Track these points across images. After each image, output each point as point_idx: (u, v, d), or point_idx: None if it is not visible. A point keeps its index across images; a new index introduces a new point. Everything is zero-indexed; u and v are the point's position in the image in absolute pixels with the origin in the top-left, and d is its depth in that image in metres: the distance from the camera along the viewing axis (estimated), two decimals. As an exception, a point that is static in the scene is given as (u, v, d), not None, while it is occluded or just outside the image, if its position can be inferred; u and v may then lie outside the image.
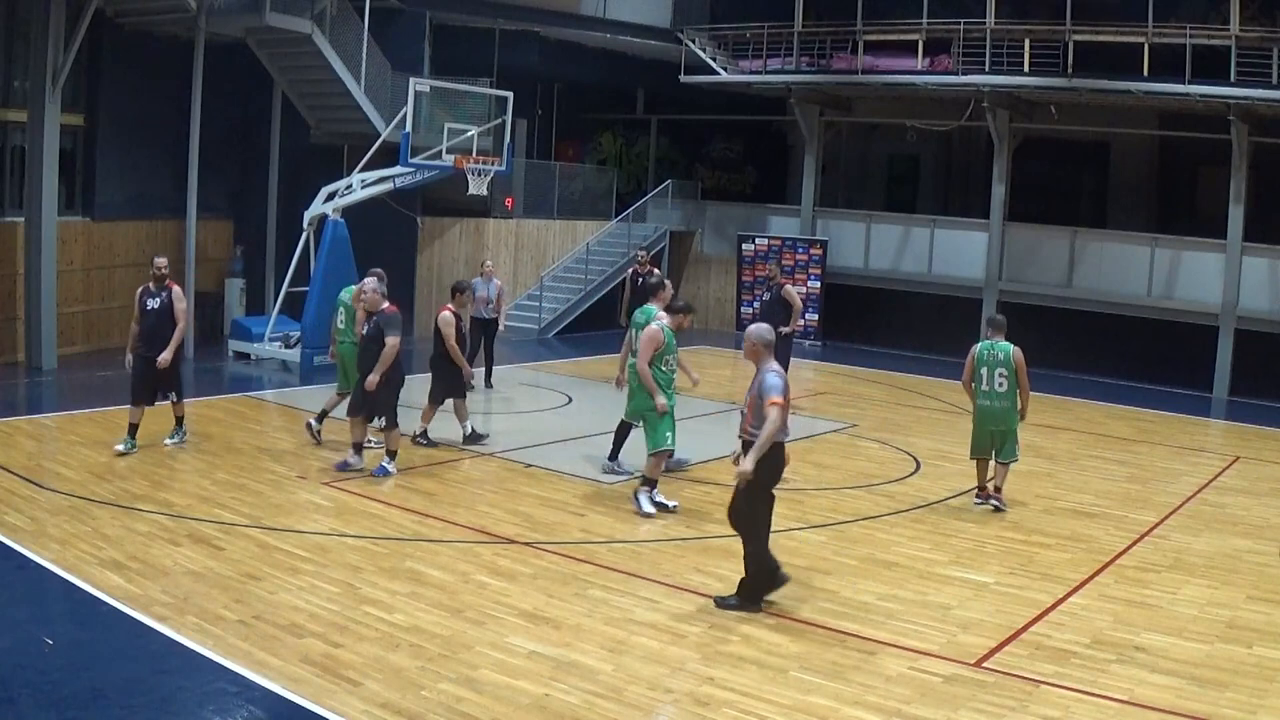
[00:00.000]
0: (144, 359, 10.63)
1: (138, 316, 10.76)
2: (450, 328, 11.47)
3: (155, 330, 10.66)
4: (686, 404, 12.16)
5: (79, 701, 5.74)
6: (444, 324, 11.50)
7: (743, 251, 23.14)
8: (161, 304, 10.66)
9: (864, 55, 20.96)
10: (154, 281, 10.79)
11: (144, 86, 17.74)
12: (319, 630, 6.79)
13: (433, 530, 8.94)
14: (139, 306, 10.75)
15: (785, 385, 7.30)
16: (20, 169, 15.87)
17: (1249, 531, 10.00)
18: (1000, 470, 10.23)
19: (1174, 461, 13.16)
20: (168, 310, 10.66)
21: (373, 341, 10.28)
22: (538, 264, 22.45)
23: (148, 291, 10.76)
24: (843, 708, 6.08)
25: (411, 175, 16.75)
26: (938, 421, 14.84)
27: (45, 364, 15.30)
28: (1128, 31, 18.29)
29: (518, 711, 5.87)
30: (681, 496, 10.08)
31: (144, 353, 10.64)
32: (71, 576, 7.47)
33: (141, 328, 10.71)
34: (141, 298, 10.76)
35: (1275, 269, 18.32)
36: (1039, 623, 7.47)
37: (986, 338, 10.26)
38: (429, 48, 20.68)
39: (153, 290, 10.74)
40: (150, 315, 10.68)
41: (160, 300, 10.67)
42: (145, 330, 10.70)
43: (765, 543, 7.42)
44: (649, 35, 23.01)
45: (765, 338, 7.51)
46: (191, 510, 9.10)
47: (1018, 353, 10.01)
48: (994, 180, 20.96)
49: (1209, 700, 6.32)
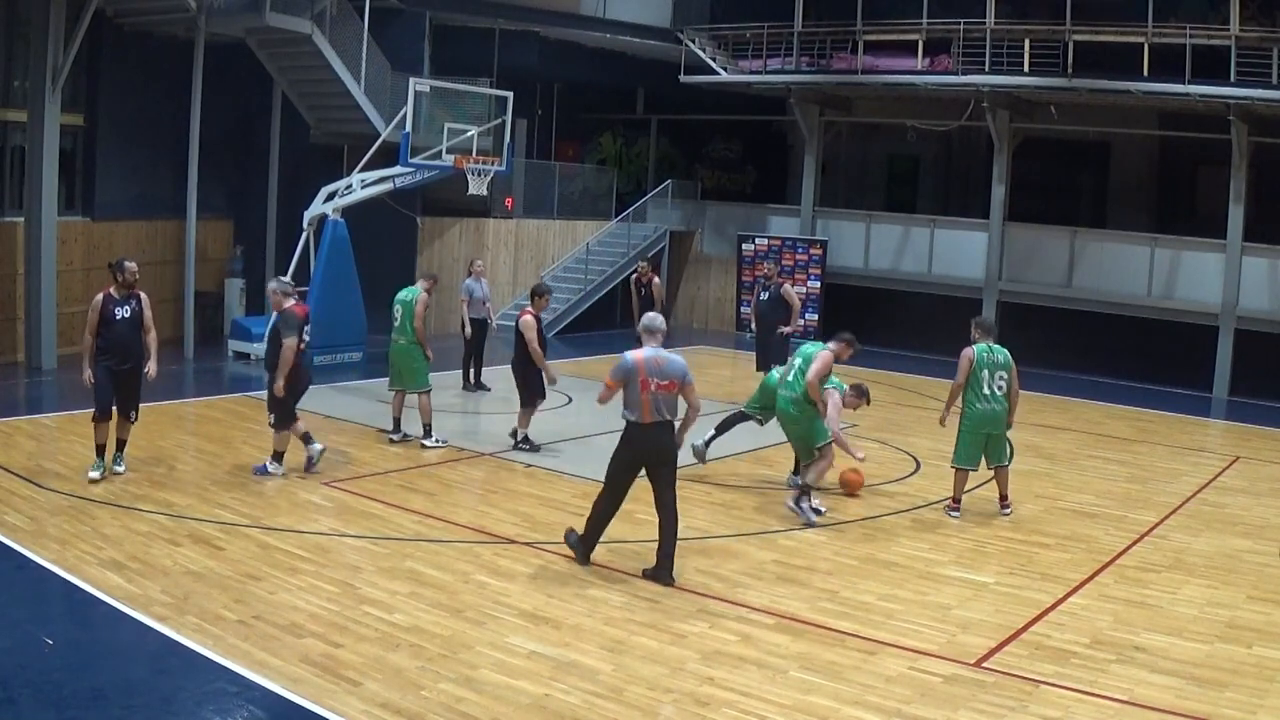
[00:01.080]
0: (114, 372, 9.76)
1: (98, 326, 9.72)
2: (532, 331, 11.40)
3: (127, 341, 9.81)
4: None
5: (79, 701, 5.74)
6: (526, 328, 11.44)
7: (743, 251, 23.13)
8: (132, 312, 9.82)
9: (864, 55, 20.95)
10: (120, 288, 9.84)
11: (144, 86, 17.75)
12: (319, 630, 6.79)
13: (433, 530, 8.94)
14: (102, 315, 9.70)
15: (620, 367, 7.86)
16: (20, 169, 15.86)
17: (1249, 531, 10.00)
18: (1001, 474, 10.17)
19: (1174, 461, 13.16)
20: (138, 319, 9.85)
21: (271, 342, 10.43)
22: (538, 264, 22.45)
23: (112, 299, 9.79)
24: (843, 708, 6.08)
25: (411, 175, 16.75)
26: (937, 422, 14.80)
27: (45, 364, 15.30)
28: (1128, 31, 18.29)
29: (518, 711, 5.87)
30: (680, 497, 10.05)
31: (115, 365, 9.76)
32: (71, 576, 7.47)
33: (108, 338, 9.73)
34: (106, 306, 9.74)
35: (1275, 269, 18.32)
36: (1039, 623, 7.47)
37: (977, 341, 9.99)
38: (429, 48, 20.68)
39: (118, 298, 9.80)
40: (121, 325, 9.77)
41: (130, 308, 9.82)
42: (115, 341, 9.76)
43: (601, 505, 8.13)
44: (649, 35, 23.00)
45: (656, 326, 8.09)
46: (191, 510, 9.10)
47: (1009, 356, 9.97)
48: (994, 180, 20.96)
49: (1209, 700, 6.32)
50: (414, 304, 11.76)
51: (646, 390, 7.78)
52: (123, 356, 9.82)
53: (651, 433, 7.84)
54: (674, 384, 7.84)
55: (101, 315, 9.74)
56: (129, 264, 9.97)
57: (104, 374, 9.74)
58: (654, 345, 7.98)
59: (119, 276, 9.87)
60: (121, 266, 9.92)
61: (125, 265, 9.92)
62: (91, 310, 9.82)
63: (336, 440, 11.74)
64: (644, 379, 7.77)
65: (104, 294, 9.83)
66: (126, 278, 9.85)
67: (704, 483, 10.70)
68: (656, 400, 7.79)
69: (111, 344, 9.77)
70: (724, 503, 10.18)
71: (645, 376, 7.78)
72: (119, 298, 9.84)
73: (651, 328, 8.08)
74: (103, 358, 9.73)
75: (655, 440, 7.87)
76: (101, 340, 9.75)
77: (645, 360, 7.85)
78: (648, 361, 7.84)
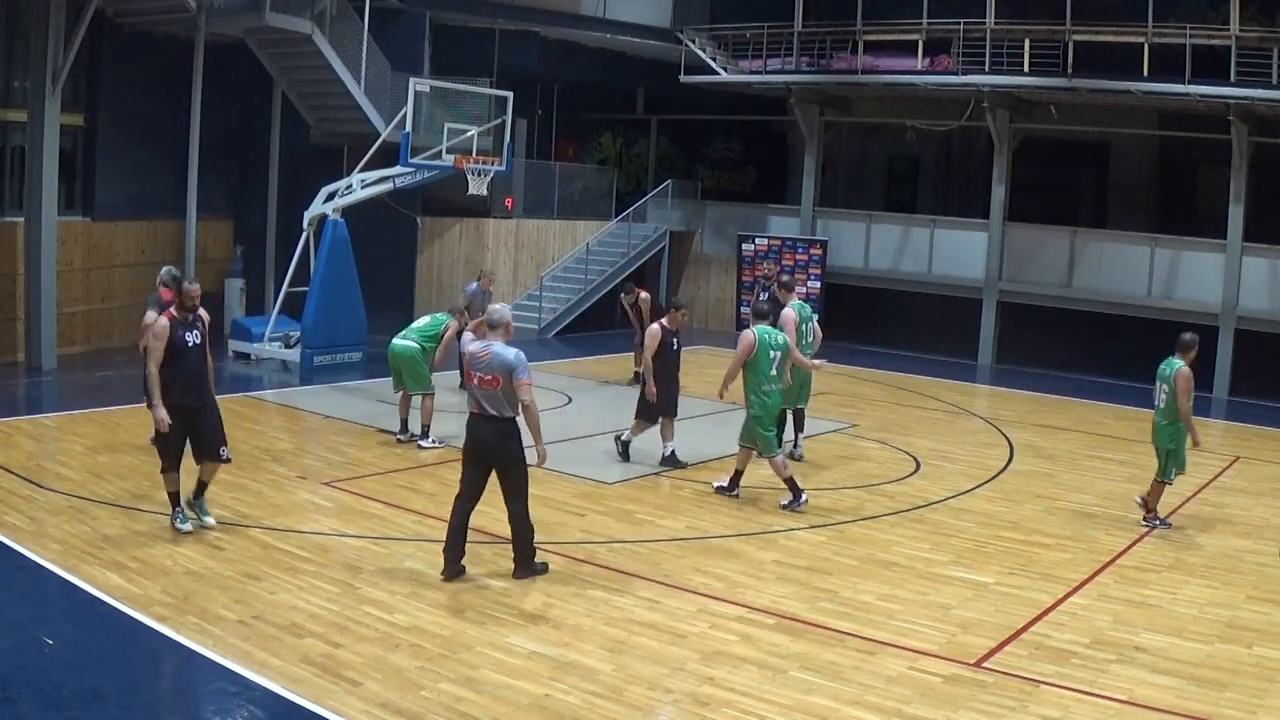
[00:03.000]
0: (189, 410, 8.28)
1: (169, 357, 8.15)
2: (655, 340, 11.04)
3: (202, 372, 8.40)
4: (686, 404, 12.18)
5: (79, 701, 5.74)
6: (650, 337, 11.16)
7: (743, 251, 23.13)
8: (202, 338, 8.38)
9: (864, 55, 20.94)
10: (185, 310, 8.32)
11: (144, 86, 17.75)
12: (319, 630, 6.79)
13: (433, 530, 8.93)
14: (171, 343, 8.15)
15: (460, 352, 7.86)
16: (20, 169, 15.86)
17: (1249, 531, 10.00)
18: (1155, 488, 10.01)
19: (1174, 461, 13.14)
20: (206, 345, 8.49)
21: None
22: (537, 264, 22.44)
23: (180, 323, 8.24)
24: (843, 708, 6.08)
25: (411, 175, 16.74)
26: (938, 421, 14.84)
27: (45, 364, 15.30)
28: (1128, 31, 18.28)
29: (518, 711, 5.87)
30: (680, 496, 10.08)
31: (191, 403, 8.29)
32: (71, 576, 7.47)
33: (179, 371, 8.19)
34: (175, 332, 8.18)
35: (1275, 269, 18.32)
36: (1039, 623, 7.47)
37: (1176, 357, 9.93)
38: (429, 48, 20.68)
39: (184, 321, 8.28)
40: (193, 354, 8.28)
41: (199, 333, 8.35)
42: (189, 373, 8.25)
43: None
44: (649, 35, 22.99)
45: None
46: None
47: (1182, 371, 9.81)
48: (994, 180, 20.96)
49: (1209, 700, 6.32)
50: (441, 332, 11.70)
51: (470, 383, 7.71)
52: (198, 392, 8.34)
53: (474, 426, 7.64)
54: (497, 379, 7.55)
55: (171, 343, 8.17)
56: (190, 285, 8.42)
57: (178, 415, 8.22)
58: (493, 339, 7.71)
59: (181, 298, 8.36)
60: (181, 286, 8.46)
61: (185, 286, 8.39)
62: (153, 338, 8.22)
63: (337, 440, 11.74)
64: (468, 371, 7.69)
65: (168, 318, 8.26)
66: (187, 301, 8.31)
67: (704, 483, 10.70)
68: (479, 395, 7.61)
69: (184, 378, 8.22)
70: (724, 503, 10.17)
71: (469, 369, 7.70)
72: (185, 321, 8.29)
73: (491, 321, 7.85)
74: (172, 396, 8.16)
75: (482, 435, 7.61)
76: (167, 373, 8.18)
77: (472, 353, 7.76)
78: (473, 355, 7.72)
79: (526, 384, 7.55)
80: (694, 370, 17.39)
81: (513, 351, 7.61)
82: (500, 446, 7.66)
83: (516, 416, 7.63)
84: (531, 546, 7.92)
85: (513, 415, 7.61)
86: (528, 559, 7.91)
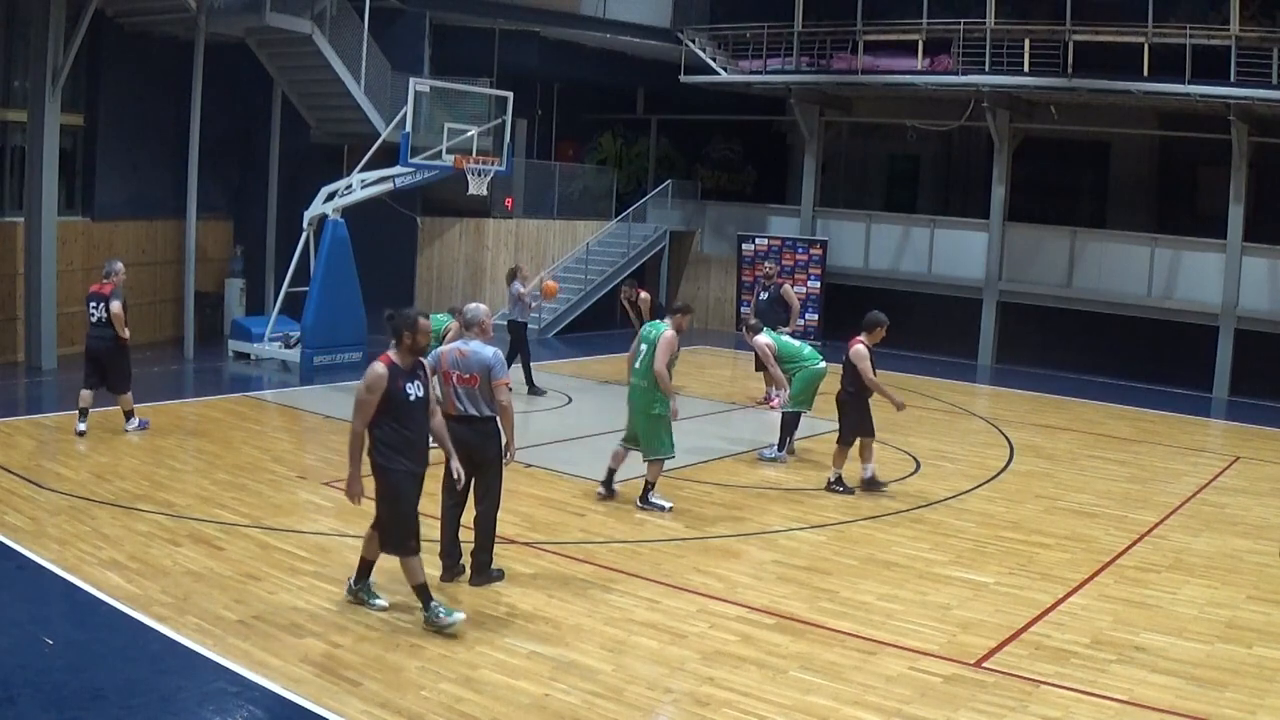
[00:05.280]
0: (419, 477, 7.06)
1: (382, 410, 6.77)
2: (866, 361, 10.27)
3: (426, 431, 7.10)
4: (687, 404, 12.16)
5: (79, 701, 5.74)
6: (858, 358, 10.37)
7: (743, 251, 23.13)
8: (425, 389, 7.03)
9: (864, 55, 20.95)
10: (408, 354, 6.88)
11: (144, 86, 17.75)
12: (319, 630, 6.79)
13: (433, 530, 8.91)
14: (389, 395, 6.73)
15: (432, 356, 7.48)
16: (20, 169, 15.85)
17: (1249, 531, 10.00)
18: None
19: (1174, 461, 13.16)
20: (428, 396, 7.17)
21: None
22: (538, 264, 22.41)
23: (400, 372, 6.79)
24: (843, 708, 6.08)
25: (411, 175, 16.74)
26: (938, 421, 14.84)
27: (45, 364, 15.29)
28: (1128, 31, 18.28)
29: (518, 711, 5.87)
30: (680, 496, 10.08)
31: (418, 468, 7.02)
32: (71, 576, 7.47)
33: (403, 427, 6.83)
34: (395, 381, 6.75)
35: (1275, 269, 18.31)
36: (1039, 623, 7.47)
37: None
38: (429, 48, 20.69)
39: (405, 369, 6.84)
40: (417, 408, 6.91)
41: (422, 381, 6.98)
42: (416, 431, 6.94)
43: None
44: (649, 35, 22.99)
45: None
46: (191, 510, 9.09)
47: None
48: (994, 180, 20.96)
49: (1209, 700, 6.32)
50: (443, 333, 11.66)
51: (449, 382, 7.65)
52: (424, 453, 7.00)
53: (453, 429, 7.53)
54: (475, 378, 7.57)
55: (389, 395, 6.71)
56: (423, 319, 6.92)
57: (408, 482, 6.87)
58: (471, 337, 7.73)
59: (408, 339, 6.81)
60: (414, 324, 6.83)
61: (419, 322, 6.87)
62: (367, 390, 6.70)
63: (337, 441, 11.72)
64: (445, 371, 7.65)
65: (386, 364, 6.75)
66: (419, 341, 6.85)
67: (704, 483, 10.70)
68: (461, 393, 7.60)
69: (411, 436, 6.86)
70: (724, 503, 10.17)
71: (447, 369, 7.66)
72: (406, 369, 6.85)
73: (469, 320, 7.82)
74: (399, 458, 6.79)
75: (462, 437, 7.55)
76: (384, 431, 6.76)
77: (448, 351, 7.71)
78: (450, 353, 7.69)
79: (503, 383, 7.61)
80: (694, 370, 17.41)
81: (490, 350, 7.67)
82: (480, 448, 7.68)
83: (495, 417, 7.65)
84: (491, 553, 7.85)
85: (492, 415, 7.63)
86: (485, 566, 7.83)
